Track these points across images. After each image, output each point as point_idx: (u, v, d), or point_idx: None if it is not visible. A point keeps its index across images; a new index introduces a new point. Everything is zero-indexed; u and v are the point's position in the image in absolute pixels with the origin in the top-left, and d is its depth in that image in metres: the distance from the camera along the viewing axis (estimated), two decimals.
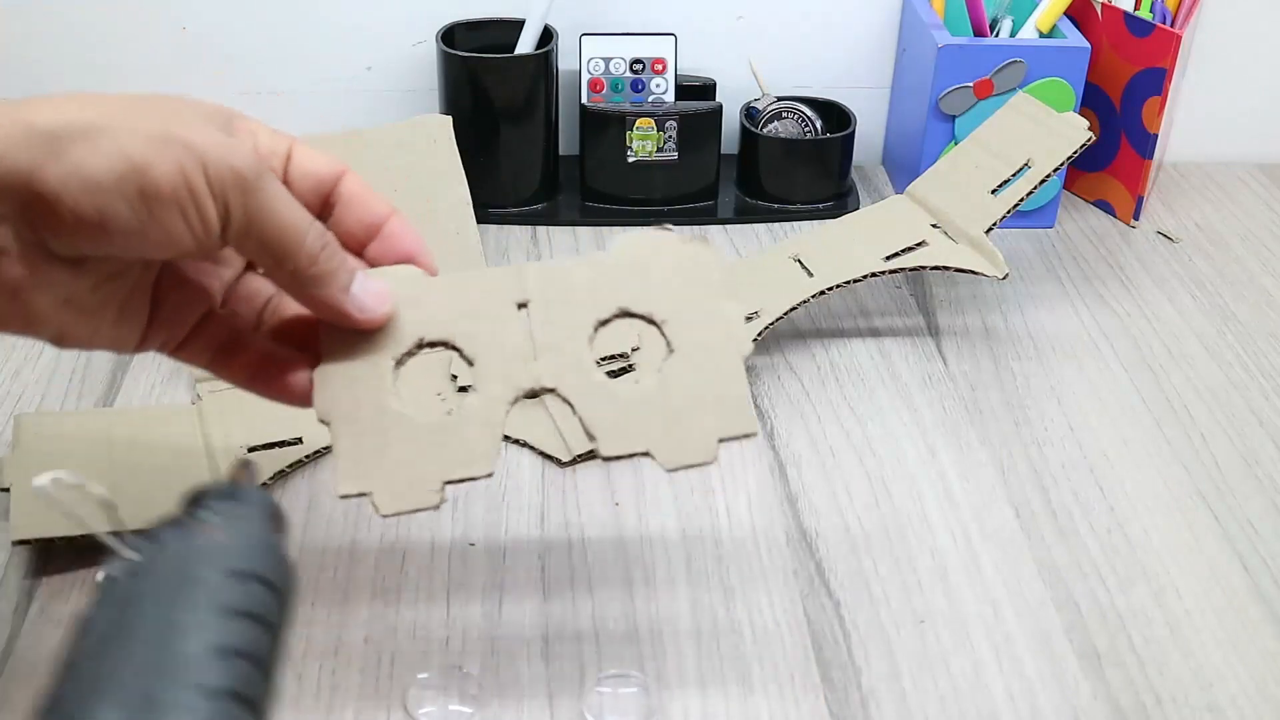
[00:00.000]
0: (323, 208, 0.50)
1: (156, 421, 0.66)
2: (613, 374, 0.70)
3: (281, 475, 0.65)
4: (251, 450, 0.65)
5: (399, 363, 0.50)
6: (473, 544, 0.61)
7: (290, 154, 0.49)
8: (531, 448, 0.67)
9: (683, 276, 0.51)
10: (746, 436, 0.50)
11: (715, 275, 0.51)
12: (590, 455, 0.66)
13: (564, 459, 0.66)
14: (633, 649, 0.56)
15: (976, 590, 0.59)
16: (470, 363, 0.50)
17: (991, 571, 0.60)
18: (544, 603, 0.58)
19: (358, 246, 0.51)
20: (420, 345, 0.50)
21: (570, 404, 0.50)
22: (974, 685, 0.54)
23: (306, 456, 0.65)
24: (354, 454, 0.49)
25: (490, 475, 0.49)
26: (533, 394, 0.50)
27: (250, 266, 0.53)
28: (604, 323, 0.51)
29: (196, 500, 0.41)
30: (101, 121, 0.42)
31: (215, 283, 0.52)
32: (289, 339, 0.52)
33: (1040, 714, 0.53)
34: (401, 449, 0.49)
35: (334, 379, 0.50)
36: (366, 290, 0.49)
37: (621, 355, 0.71)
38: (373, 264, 0.51)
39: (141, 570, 0.37)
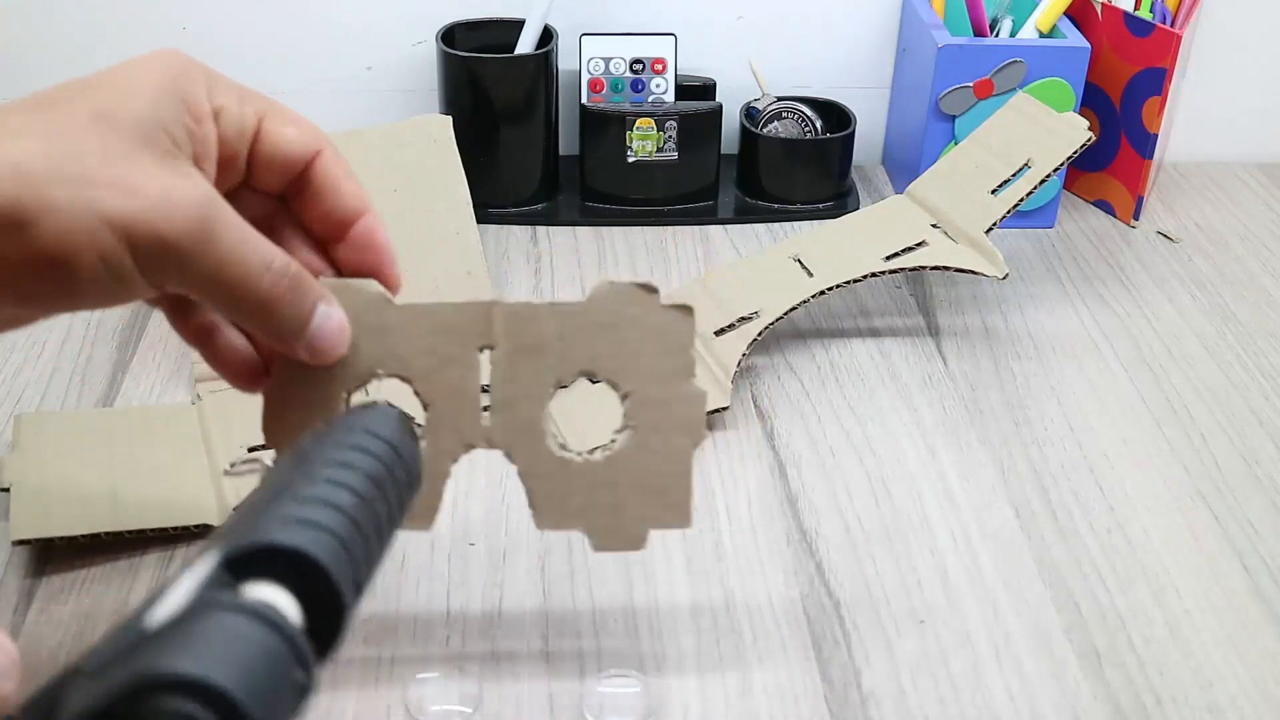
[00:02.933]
0: (291, 190, 0.48)
1: (157, 421, 0.66)
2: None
3: None
4: (252, 450, 0.65)
5: (351, 394, 0.49)
6: (472, 544, 0.61)
7: (259, 133, 0.46)
8: None
9: (656, 345, 0.49)
10: (681, 527, 0.50)
11: (689, 352, 0.50)
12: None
13: None
14: (633, 649, 0.56)
15: (976, 590, 0.59)
16: (425, 405, 0.49)
17: (991, 571, 0.60)
18: (544, 603, 0.58)
19: (323, 239, 0.49)
20: (374, 377, 0.49)
21: (517, 468, 0.50)
22: (974, 685, 0.54)
23: None
24: None
25: (428, 529, 0.49)
26: (475, 448, 0.49)
27: None
28: (564, 385, 0.50)
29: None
30: (24, 199, 0.39)
31: None
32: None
33: (1040, 714, 0.53)
34: None
35: (283, 405, 0.48)
36: (324, 329, 0.46)
37: None
38: (337, 265, 0.49)
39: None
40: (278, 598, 0.33)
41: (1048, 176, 0.75)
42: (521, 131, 0.88)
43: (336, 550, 0.35)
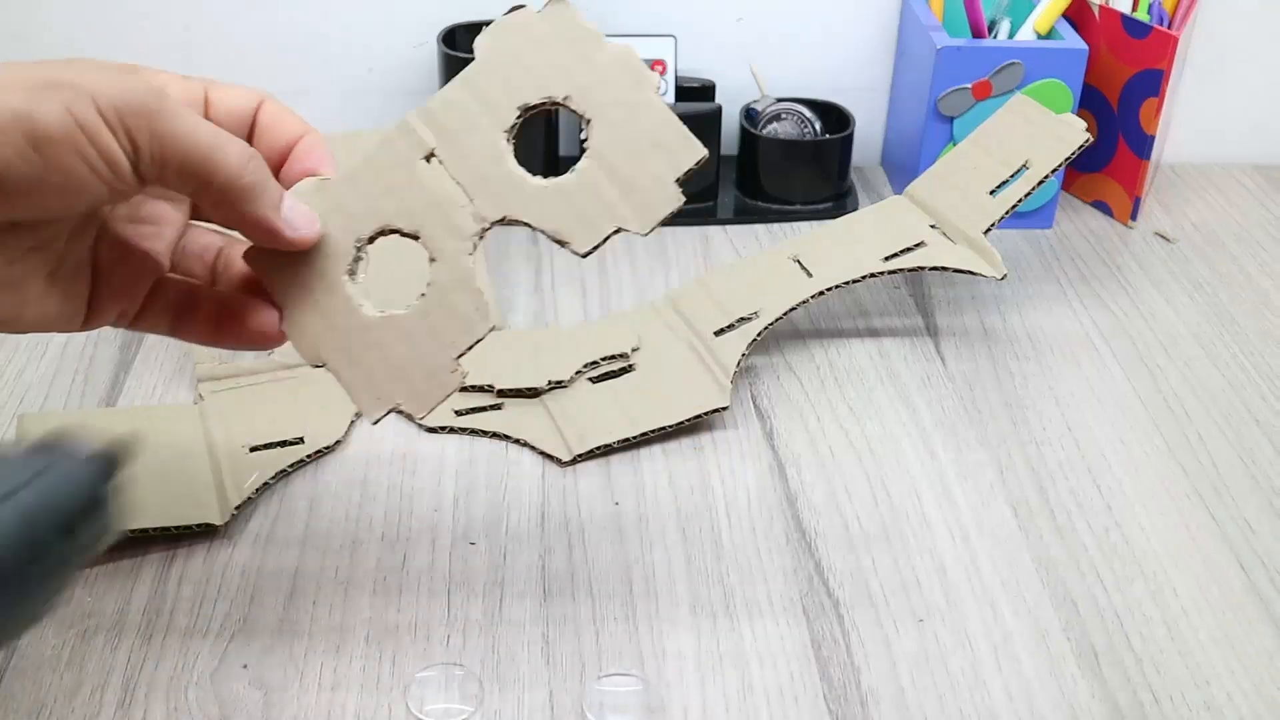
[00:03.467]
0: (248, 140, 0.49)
1: (159, 421, 0.67)
2: (611, 374, 0.71)
3: (283, 475, 0.65)
4: (253, 450, 0.65)
5: (351, 272, 0.50)
6: (473, 543, 0.61)
7: (207, 97, 0.48)
8: (532, 447, 0.67)
9: (558, 44, 0.50)
10: (700, 162, 0.49)
11: (587, 28, 0.50)
12: (590, 454, 0.66)
13: (564, 458, 0.66)
14: (633, 648, 0.56)
15: (975, 589, 0.60)
16: (415, 237, 0.50)
17: (990, 570, 0.61)
18: (544, 602, 0.58)
19: (274, 170, 0.50)
20: (361, 245, 0.50)
21: (528, 224, 0.50)
22: (973, 684, 0.55)
23: (308, 456, 0.66)
24: (362, 379, 0.49)
25: (495, 328, 0.49)
26: (486, 231, 0.50)
27: (195, 214, 0.52)
28: (513, 128, 0.50)
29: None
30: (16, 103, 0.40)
31: (160, 245, 0.51)
32: (246, 288, 0.51)
33: (1038, 712, 0.54)
34: (400, 350, 0.49)
35: (303, 320, 0.49)
36: (295, 211, 0.48)
37: (621, 355, 0.72)
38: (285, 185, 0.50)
39: None
40: None
41: (1046, 177, 0.75)
42: (521, 132, 0.88)
43: None
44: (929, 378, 0.74)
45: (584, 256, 0.50)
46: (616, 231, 0.49)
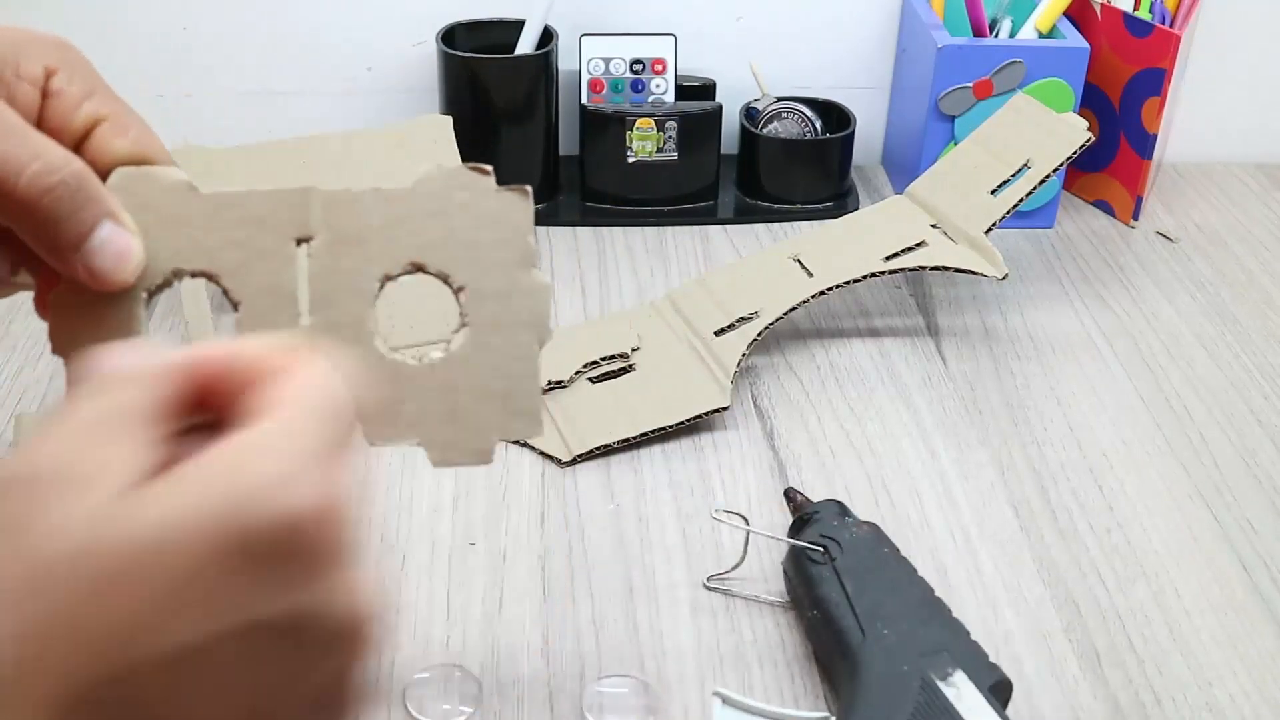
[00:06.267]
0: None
1: None
2: (611, 374, 0.71)
3: None
4: None
5: (151, 295, 0.44)
6: (473, 543, 0.61)
7: (87, 136, 0.43)
8: (531, 448, 0.67)
9: (489, 233, 0.45)
10: (530, 438, 0.46)
11: (527, 238, 0.45)
12: (590, 455, 0.66)
13: (564, 459, 0.66)
14: (633, 649, 0.56)
15: (976, 590, 0.59)
16: (235, 305, 0.44)
17: (991, 571, 0.60)
18: (544, 603, 0.58)
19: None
20: (177, 275, 0.44)
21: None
22: None
23: None
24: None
25: None
26: None
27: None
28: (392, 278, 0.45)
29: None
30: None
31: None
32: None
33: (1039, 712, 0.53)
34: None
35: (73, 314, 0.43)
36: (107, 247, 0.41)
37: (621, 355, 0.71)
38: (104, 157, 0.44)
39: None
40: None
41: (1047, 177, 0.75)
42: (521, 132, 0.88)
43: None
44: (930, 378, 0.74)
45: (370, 443, 0.44)
46: (413, 443, 0.45)
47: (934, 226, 0.77)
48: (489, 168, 0.44)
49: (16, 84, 0.42)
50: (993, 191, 0.76)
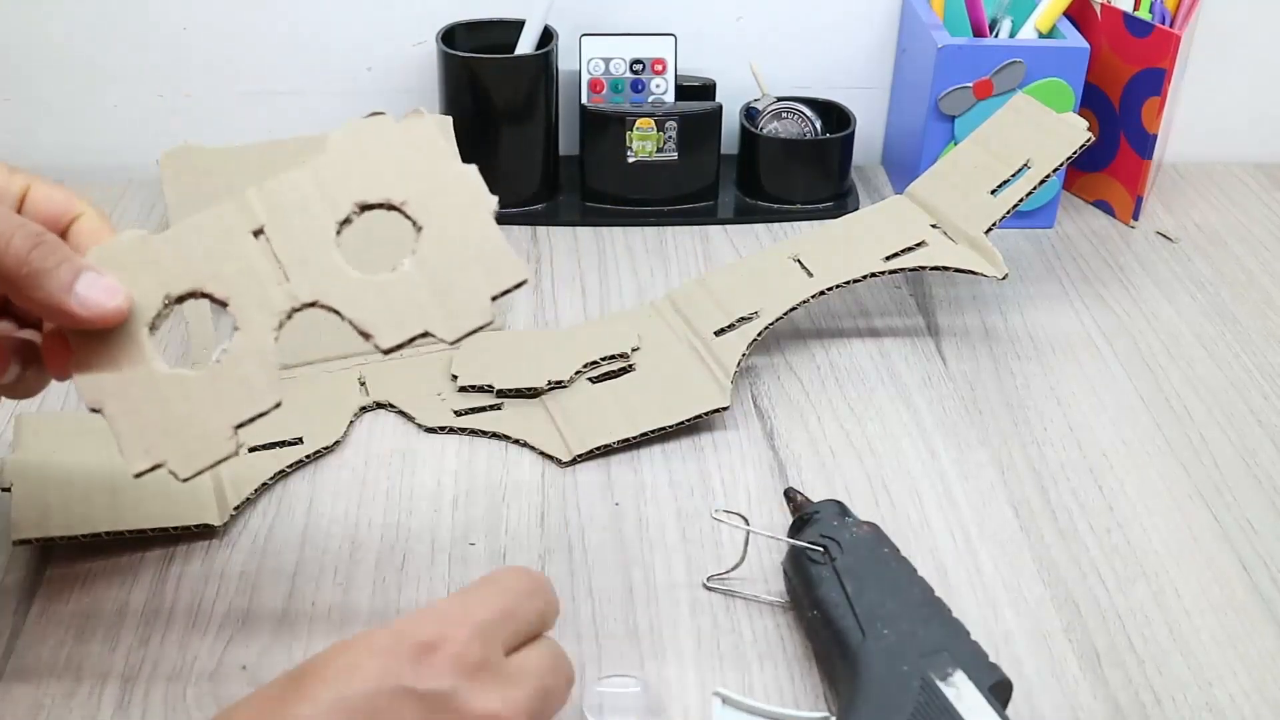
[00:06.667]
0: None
1: None
2: (611, 374, 0.71)
3: (282, 475, 0.65)
4: (252, 450, 0.65)
5: (153, 327, 0.50)
6: (473, 544, 0.61)
7: (25, 196, 0.49)
8: (531, 447, 0.67)
9: (408, 152, 0.51)
10: (519, 285, 0.51)
11: (440, 143, 0.52)
12: (590, 455, 0.66)
13: (564, 459, 0.66)
14: (633, 649, 0.56)
15: (976, 590, 0.59)
16: (224, 304, 0.50)
17: (991, 571, 0.60)
18: None
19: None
20: (169, 303, 0.50)
21: (337, 311, 0.50)
22: None
23: (307, 456, 0.66)
24: (136, 429, 0.49)
25: (278, 405, 0.50)
26: (296, 312, 0.50)
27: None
28: (345, 221, 0.51)
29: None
30: None
31: None
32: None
33: (1039, 712, 0.53)
34: (181, 409, 0.49)
35: (93, 364, 0.49)
36: (94, 286, 0.48)
37: (621, 355, 0.71)
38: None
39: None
40: None
41: (1047, 177, 0.75)
42: (521, 132, 0.88)
43: None
44: (930, 378, 0.74)
45: (385, 354, 0.50)
46: (424, 335, 0.50)
47: (934, 226, 0.77)
48: (383, 110, 0.51)
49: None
50: (993, 191, 0.76)
